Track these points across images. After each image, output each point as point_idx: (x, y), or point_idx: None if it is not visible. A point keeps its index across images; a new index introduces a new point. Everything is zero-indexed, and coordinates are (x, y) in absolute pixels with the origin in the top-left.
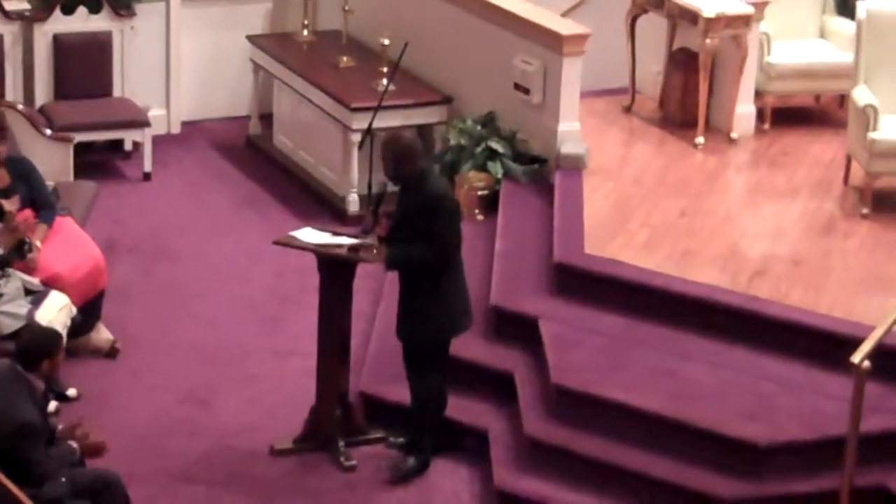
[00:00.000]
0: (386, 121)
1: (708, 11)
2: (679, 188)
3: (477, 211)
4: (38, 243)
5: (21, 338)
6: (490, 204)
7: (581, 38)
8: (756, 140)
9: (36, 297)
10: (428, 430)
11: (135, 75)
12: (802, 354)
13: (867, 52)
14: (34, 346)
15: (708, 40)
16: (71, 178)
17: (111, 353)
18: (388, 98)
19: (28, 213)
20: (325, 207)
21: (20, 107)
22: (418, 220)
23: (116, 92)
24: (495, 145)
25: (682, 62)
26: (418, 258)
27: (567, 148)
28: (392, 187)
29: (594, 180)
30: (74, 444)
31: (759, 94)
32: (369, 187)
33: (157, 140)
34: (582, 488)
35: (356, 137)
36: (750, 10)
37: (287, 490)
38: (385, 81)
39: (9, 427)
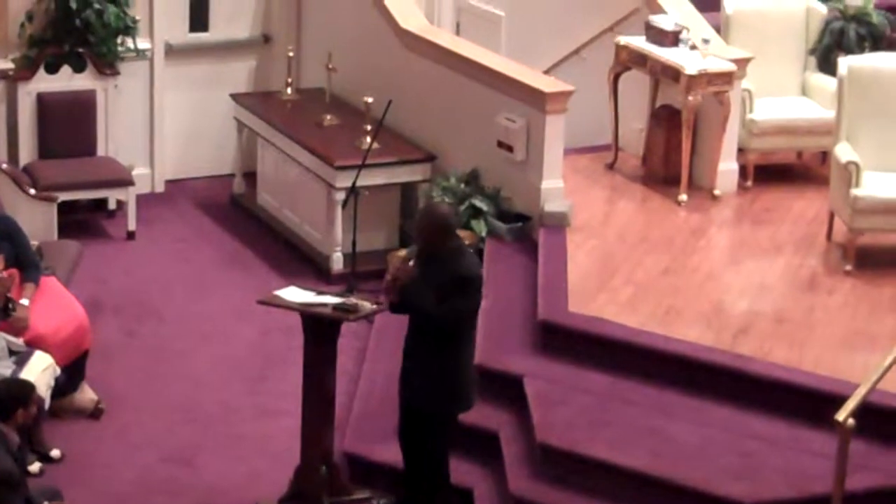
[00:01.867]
0: (370, 179)
1: (690, 69)
2: (662, 245)
3: None
4: (26, 302)
5: None
6: None
7: (564, 96)
8: (739, 197)
9: (20, 357)
10: (444, 497)
11: (119, 134)
12: (787, 412)
13: (849, 108)
14: (7, 396)
15: (690, 97)
16: (55, 237)
17: (95, 413)
18: (372, 156)
19: (13, 271)
20: (309, 266)
21: (4, 166)
22: (448, 289)
23: (100, 151)
24: (479, 203)
25: (665, 119)
26: (429, 307)
27: (550, 206)
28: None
29: (578, 237)
30: None
31: (741, 151)
32: (353, 246)
33: (141, 199)
34: None
35: (340, 196)
36: (732, 67)
37: None
38: (369, 139)
39: None
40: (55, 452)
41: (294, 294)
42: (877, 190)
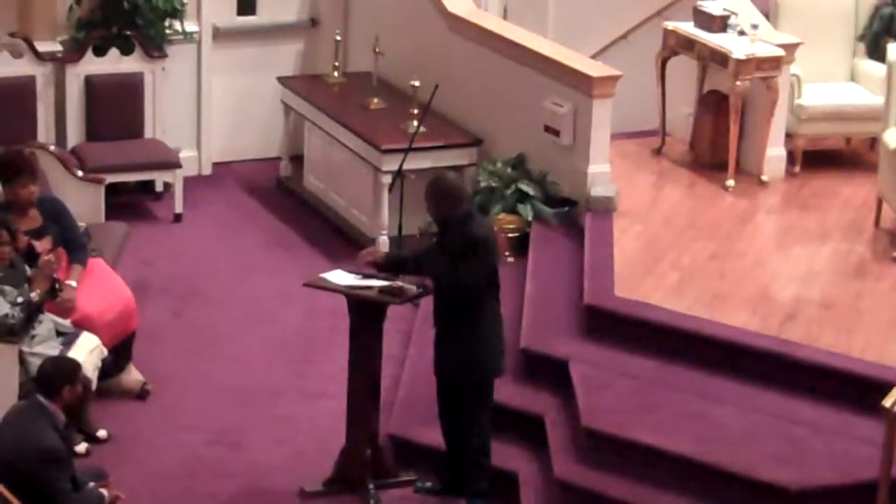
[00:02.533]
0: (416, 163)
1: (738, 54)
2: (709, 231)
3: (507, 253)
4: (73, 283)
5: (42, 366)
6: (520, 246)
7: (611, 80)
8: (786, 183)
9: (67, 338)
10: (486, 473)
11: (166, 117)
12: (834, 398)
13: None
14: (53, 373)
15: (738, 83)
16: (102, 219)
17: (142, 394)
18: (419, 140)
19: (60, 252)
20: (355, 249)
21: (52, 148)
22: (453, 258)
23: (148, 133)
24: (525, 187)
25: (713, 104)
26: (439, 271)
27: (597, 190)
28: (434, 229)
29: (624, 222)
30: (104, 492)
31: (789, 137)
32: (399, 229)
33: (188, 181)
34: None
35: (387, 179)
36: (780, 52)
37: None
38: (415, 123)
39: (33, 453)
40: (102, 433)
41: (340, 277)
42: None
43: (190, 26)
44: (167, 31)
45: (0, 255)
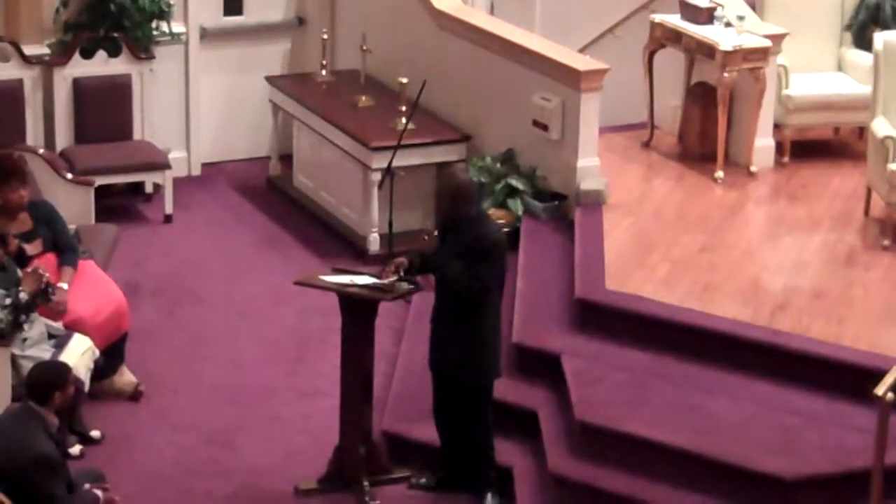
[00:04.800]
0: (406, 159)
1: (725, 45)
2: (699, 222)
3: None
4: (65, 286)
5: (31, 372)
6: (511, 241)
7: (599, 74)
8: (775, 173)
9: (59, 340)
10: (493, 464)
11: (155, 118)
12: (826, 387)
13: (885, 83)
14: (43, 380)
15: (726, 74)
16: (92, 221)
17: (135, 395)
18: (408, 136)
19: (50, 256)
20: (346, 247)
21: (41, 151)
22: (470, 257)
23: (137, 135)
24: (515, 182)
25: (701, 96)
26: (454, 275)
27: (587, 184)
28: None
29: (614, 216)
30: (99, 493)
31: (777, 127)
32: (390, 226)
33: (177, 182)
34: None
35: (376, 176)
36: (767, 43)
37: None
38: (404, 120)
39: (26, 460)
40: (95, 433)
41: (331, 275)
42: None
43: (177, 27)
44: (154, 33)
45: None
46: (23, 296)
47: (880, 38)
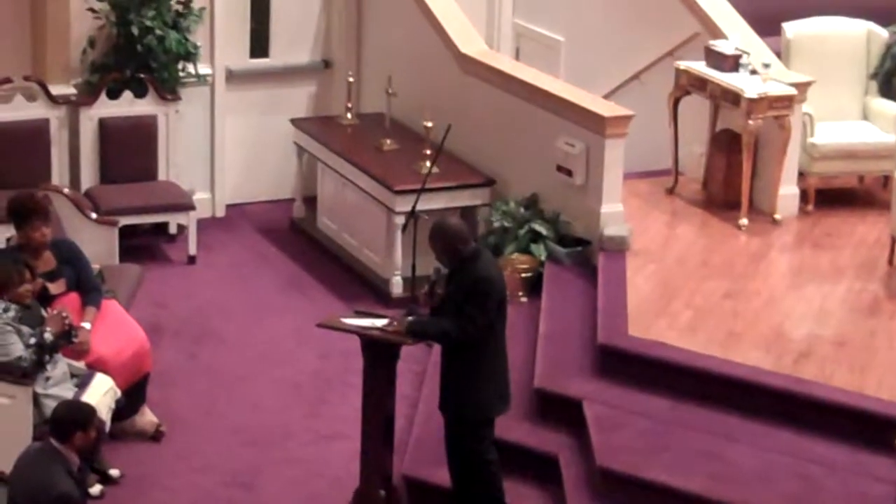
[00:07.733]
0: (430, 203)
1: (751, 92)
2: (722, 270)
3: (520, 293)
4: (87, 325)
5: (57, 408)
6: (533, 286)
7: (624, 120)
8: (800, 221)
9: (81, 380)
10: (500, 485)
11: (180, 159)
12: (848, 436)
13: None
14: (66, 417)
15: (751, 121)
16: (116, 261)
17: (156, 436)
18: (432, 180)
19: (74, 296)
20: (369, 290)
21: (66, 190)
22: (462, 299)
23: (161, 175)
24: (539, 227)
25: (725, 143)
26: (437, 330)
27: (610, 230)
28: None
29: (637, 262)
30: None
31: (802, 176)
32: (413, 269)
33: (201, 223)
34: None
35: (400, 220)
36: (793, 91)
37: None
38: (428, 164)
39: (47, 499)
40: (114, 472)
41: (354, 318)
42: None
43: (203, 69)
44: (181, 74)
45: (22, 294)
46: (48, 336)
47: None
